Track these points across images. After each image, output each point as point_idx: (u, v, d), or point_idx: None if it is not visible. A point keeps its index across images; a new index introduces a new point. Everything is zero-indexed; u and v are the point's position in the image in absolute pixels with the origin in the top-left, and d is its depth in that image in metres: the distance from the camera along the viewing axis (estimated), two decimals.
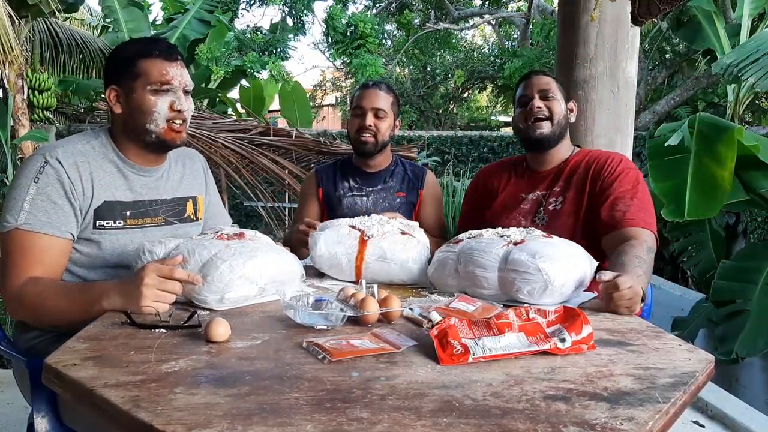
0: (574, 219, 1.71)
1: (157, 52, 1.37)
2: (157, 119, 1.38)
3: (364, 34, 9.27)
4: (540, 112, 1.75)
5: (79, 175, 1.34)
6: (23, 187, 1.29)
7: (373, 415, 0.76)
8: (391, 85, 2.21)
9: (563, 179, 1.77)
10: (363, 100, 2.02)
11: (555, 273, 1.26)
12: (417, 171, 2.15)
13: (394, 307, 1.17)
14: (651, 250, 1.51)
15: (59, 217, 1.30)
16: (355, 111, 2.04)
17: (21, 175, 1.32)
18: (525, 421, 0.75)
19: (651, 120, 8.44)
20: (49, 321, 1.31)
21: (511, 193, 1.86)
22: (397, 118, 2.09)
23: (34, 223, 1.27)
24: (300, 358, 0.96)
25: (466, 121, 14.74)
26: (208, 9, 7.63)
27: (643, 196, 1.66)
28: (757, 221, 5.11)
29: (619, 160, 1.74)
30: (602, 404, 0.81)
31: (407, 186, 2.10)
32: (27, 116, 5.78)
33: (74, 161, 1.34)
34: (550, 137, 1.76)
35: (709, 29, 6.41)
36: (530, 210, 1.79)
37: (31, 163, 1.33)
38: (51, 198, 1.30)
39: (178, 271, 1.19)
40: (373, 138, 2.01)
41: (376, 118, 2.00)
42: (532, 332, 1.04)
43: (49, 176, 1.30)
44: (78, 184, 1.33)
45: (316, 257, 1.58)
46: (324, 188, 2.11)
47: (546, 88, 1.77)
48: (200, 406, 0.78)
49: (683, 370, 0.95)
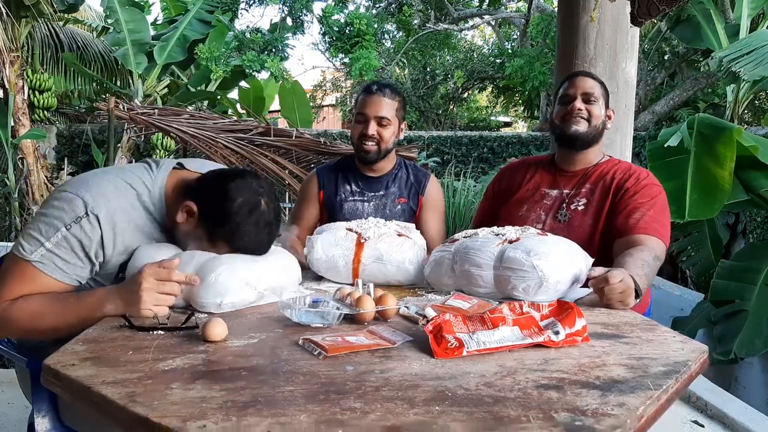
0: (594, 223, 1.72)
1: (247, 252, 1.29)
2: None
3: (361, 32, 9.29)
4: (580, 113, 1.76)
5: (113, 241, 1.26)
6: (52, 226, 1.22)
7: (366, 405, 0.77)
8: (396, 87, 2.14)
9: (591, 182, 1.78)
10: (366, 107, 1.95)
11: (550, 270, 1.26)
12: (420, 176, 2.08)
13: (389, 305, 1.18)
14: (657, 259, 1.51)
15: (75, 268, 1.25)
16: (358, 117, 1.97)
17: (58, 211, 1.23)
18: (517, 408, 0.76)
19: (650, 120, 8.44)
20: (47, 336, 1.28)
21: (533, 186, 1.87)
22: (402, 122, 2.02)
23: (47, 265, 1.22)
24: (296, 354, 0.97)
25: (466, 122, 14.73)
26: (209, 9, 7.65)
27: (660, 210, 1.67)
28: (756, 221, 5.11)
29: (646, 175, 1.75)
30: (594, 392, 0.82)
31: (408, 191, 2.05)
32: (27, 116, 5.79)
33: (113, 224, 1.26)
34: (584, 137, 1.77)
35: (708, 29, 6.41)
36: (552, 206, 1.80)
37: (72, 205, 1.23)
38: (74, 250, 1.23)
39: (176, 273, 1.18)
40: (375, 146, 1.95)
41: (379, 126, 1.93)
42: (526, 326, 1.05)
43: (82, 230, 1.22)
44: (110, 246, 1.26)
45: (314, 260, 1.58)
46: (325, 191, 2.05)
47: (590, 92, 1.77)
48: (195, 399, 0.79)
49: (676, 359, 0.96)
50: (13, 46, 5.53)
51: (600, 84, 1.81)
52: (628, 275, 1.27)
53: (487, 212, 2.00)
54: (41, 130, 5.40)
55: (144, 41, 7.07)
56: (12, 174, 5.46)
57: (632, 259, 1.42)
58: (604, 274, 1.25)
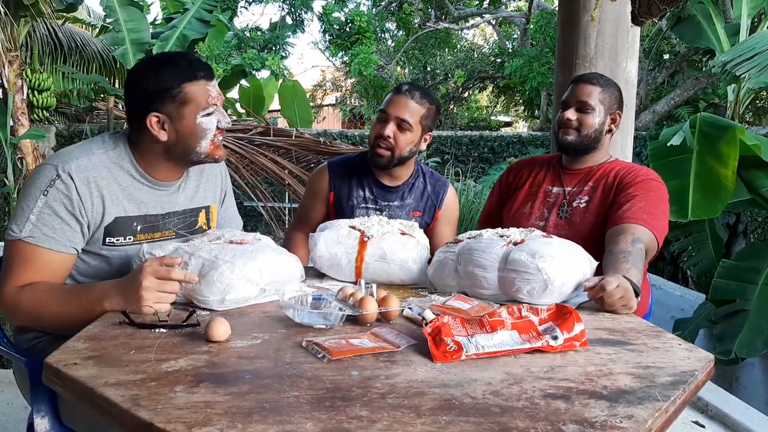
0: (595, 220, 1.73)
1: (200, 74, 1.33)
2: (207, 140, 1.35)
3: (362, 29, 9.28)
4: (569, 123, 1.77)
5: (90, 192, 1.30)
6: (32, 198, 1.26)
7: (372, 414, 0.76)
8: (431, 93, 1.93)
9: (593, 180, 1.80)
10: (390, 105, 1.81)
11: (555, 272, 1.26)
12: (437, 187, 1.95)
13: (392, 307, 1.18)
14: (638, 240, 1.50)
15: (65, 232, 1.27)
16: (379, 115, 1.84)
17: (32, 184, 1.28)
18: (524, 419, 0.76)
19: (651, 120, 8.44)
20: (49, 325, 1.31)
21: (537, 183, 1.89)
22: (428, 133, 1.87)
23: (38, 236, 1.25)
24: (300, 357, 0.96)
25: (466, 121, 14.73)
26: (208, 8, 7.63)
27: (653, 201, 1.66)
28: (757, 221, 5.11)
29: (646, 172, 1.76)
30: (602, 402, 0.81)
31: (425, 204, 1.94)
32: (26, 116, 5.77)
33: (86, 177, 1.29)
34: (574, 146, 1.78)
35: (708, 29, 6.40)
36: (555, 203, 1.82)
37: (43, 173, 1.28)
38: (58, 213, 1.26)
39: (175, 271, 1.18)
40: (388, 151, 1.80)
41: (398, 128, 1.79)
42: (524, 330, 1.05)
43: (58, 191, 1.26)
44: (88, 201, 1.29)
45: (316, 258, 1.57)
46: (336, 192, 1.92)
47: (585, 100, 1.76)
48: (200, 404, 0.78)
49: (683, 368, 0.95)
50: (12, 45, 5.52)
51: (603, 88, 1.79)
52: (622, 278, 1.26)
53: (493, 206, 2.02)
54: (41, 130, 5.38)
55: (143, 40, 7.05)
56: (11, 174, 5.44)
57: (614, 258, 1.41)
58: (599, 283, 1.24)
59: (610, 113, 1.80)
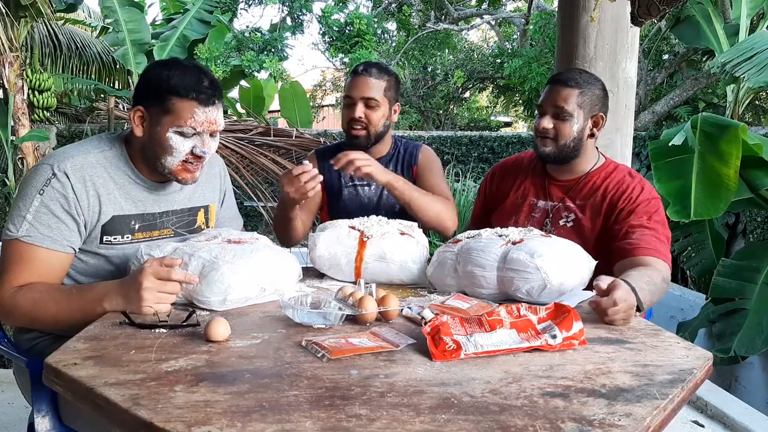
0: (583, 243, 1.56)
1: (194, 95, 1.30)
2: (174, 159, 1.33)
3: (361, 32, 9.27)
4: (545, 133, 1.65)
5: (86, 191, 1.30)
6: (28, 197, 1.26)
7: (371, 412, 0.77)
8: (385, 65, 1.99)
9: (580, 198, 1.69)
10: (352, 88, 1.86)
11: (553, 271, 1.26)
12: (411, 148, 2.01)
13: (392, 306, 1.18)
14: (665, 281, 1.45)
15: (62, 231, 1.28)
16: (345, 101, 1.90)
17: (28, 183, 1.28)
18: (523, 417, 0.76)
19: (651, 120, 8.44)
20: (47, 326, 1.31)
21: (522, 195, 1.80)
22: (396, 104, 1.92)
23: (35, 236, 1.25)
24: (299, 357, 0.97)
25: (466, 122, 14.73)
26: (208, 9, 7.62)
27: (657, 226, 1.58)
28: (756, 221, 5.10)
29: (639, 191, 1.63)
30: (600, 400, 0.82)
31: (402, 167, 1.98)
32: (27, 116, 5.78)
33: (82, 175, 1.30)
34: (552, 157, 1.68)
35: (708, 29, 6.40)
36: (540, 219, 1.73)
37: (39, 172, 1.28)
38: (54, 212, 1.26)
39: (175, 272, 1.19)
40: (364, 131, 1.86)
41: (366, 108, 1.84)
42: (523, 329, 1.05)
43: (54, 190, 1.27)
44: (84, 199, 1.30)
45: (316, 258, 1.58)
46: (326, 175, 1.94)
47: (560, 105, 1.63)
48: (200, 403, 0.78)
49: (681, 367, 0.96)
50: (13, 46, 5.52)
51: (583, 89, 1.64)
52: (631, 293, 1.21)
53: (479, 214, 1.96)
54: (43, 131, 5.38)
55: (143, 41, 7.05)
56: (12, 174, 5.45)
57: (639, 274, 1.35)
58: (612, 297, 1.17)
59: (591, 116, 1.66)
